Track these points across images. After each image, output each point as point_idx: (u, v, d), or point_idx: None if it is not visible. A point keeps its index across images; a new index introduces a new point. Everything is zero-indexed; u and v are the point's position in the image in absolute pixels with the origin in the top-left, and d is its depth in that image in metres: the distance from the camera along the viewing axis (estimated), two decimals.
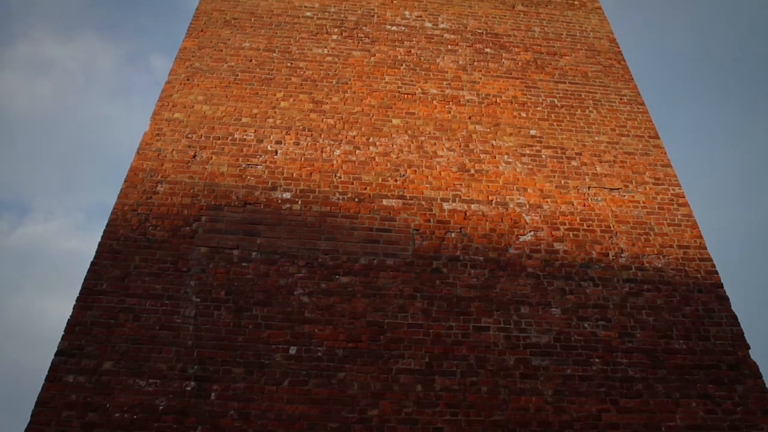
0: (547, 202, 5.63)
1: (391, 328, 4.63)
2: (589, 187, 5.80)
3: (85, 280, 4.61)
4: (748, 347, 4.81)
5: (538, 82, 6.75)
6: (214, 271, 4.78)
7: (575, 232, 5.43)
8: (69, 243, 34.68)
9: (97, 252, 4.78)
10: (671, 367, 4.65)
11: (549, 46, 7.21)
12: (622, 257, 5.30)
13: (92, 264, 4.71)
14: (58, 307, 29.98)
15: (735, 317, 5.00)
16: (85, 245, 36.51)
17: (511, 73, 6.80)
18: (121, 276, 4.66)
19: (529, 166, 5.91)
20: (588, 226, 5.49)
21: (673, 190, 5.88)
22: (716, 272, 5.28)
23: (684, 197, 5.83)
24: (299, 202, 5.33)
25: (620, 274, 5.18)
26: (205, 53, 6.51)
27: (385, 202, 5.44)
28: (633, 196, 5.78)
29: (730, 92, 38.14)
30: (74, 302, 4.48)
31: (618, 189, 5.83)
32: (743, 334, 4.90)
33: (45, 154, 36.47)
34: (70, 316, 4.41)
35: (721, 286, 5.20)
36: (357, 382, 4.32)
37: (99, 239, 4.89)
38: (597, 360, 4.63)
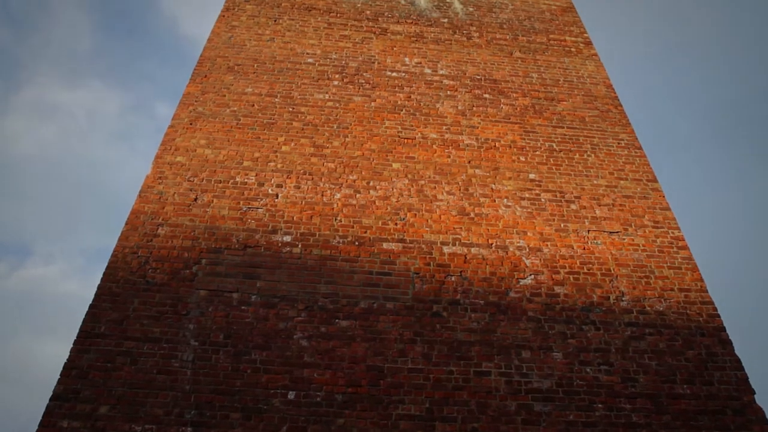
0: (547, 245, 5.63)
1: (391, 373, 4.58)
2: (588, 231, 5.81)
3: (83, 323, 4.58)
4: (753, 392, 4.75)
5: (536, 126, 6.84)
6: (213, 315, 4.75)
7: (576, 276, 5.42)
8: (68, 286, 34.58)
9: (96, 295, 4.76)
10: (675, 412, 4.58)
11: (546, 92, 7.32)
12: (623, 301, 5.28)
13: (91, 307, 4.69)
14: (55, 351, 29.69)
15: (739, 361, 4.94)
16: (84, 288, 36.40)
17: (509, 118, 6.89)
18: (119, 319, 4.64)
19: (529, 210, 5.93)
20: (588, 270, 5.48)
21: (673, 233, 5.89)
22: (718, 315, 5.25)
23: (684, 240, 5.84)
24: (299, 246, 5.33)
25: (622, 318, 5.14)
26: (209, 98, 6.61)
27: (385, 245, 5.44)
28: (633, 240, 5.79)
29: (734, 136, 38.51)
30: (71, 345, 4.44)
31: (617, 232, 5.84)
32: (748, 378, 4.83)
33: (47, 198, 36.68)
34: (67, 359, 4.37)
35: (724, 329, 5.15)
36: (356, 428, 4.25)
37: (98, 282, 4.88)
38: (600, 405, 4.56)
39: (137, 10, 47.26)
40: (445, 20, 8.12)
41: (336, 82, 7.03)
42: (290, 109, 6.61)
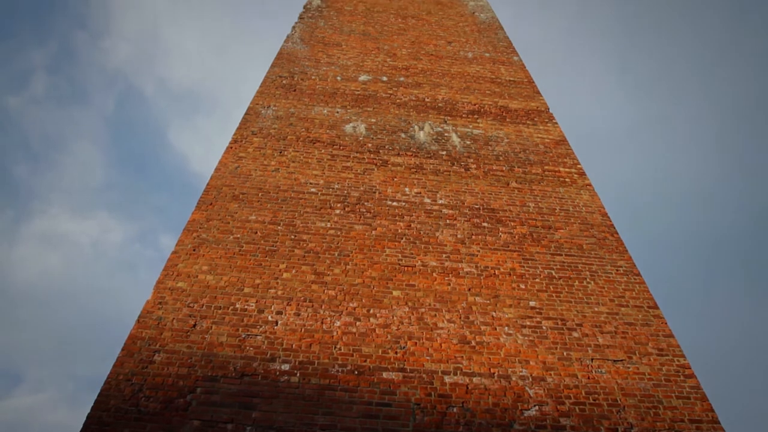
0: (551, 374, 5.51)
1: None
2: (592, 359, 5.71)
3: None
4: None
5: (535, 254, 6.91)
6: None
7: (581, 407, 5.25)
8: (56, 416, 33.33)
9: (84, 424, 4.60)
10: None
11: (544, 221, 7.47)
12: None
13: None
14: None
15: None
16: (74, 419, 35.06)
17: (508, 246, 6.98)
18: None
19: (531, 338, 5.86)
20: (594, 400, 5.32)
21: (678, 361, 5.78)
22: None
23: (690, 368, 5.71)
24: (298, 374, 5.22)
25: None
26: (213, 225, 6.74)
27: (385, 375, 5.33)
28: (638, 368, 5.67)
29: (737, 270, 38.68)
30: None
31: (622, 360, 5.73)
32: None
33: (44, 325, 36.27)
34: None
35: None
36: None
37: (88, 411, 4.73)
38: None
39: (150, 148, 49.47)
40: (444, 152, 8.45)
41: (338, 211, 7.19)
42: (292, 237, 6.72)
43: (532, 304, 6.25)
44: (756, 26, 48.02)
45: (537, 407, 5.21)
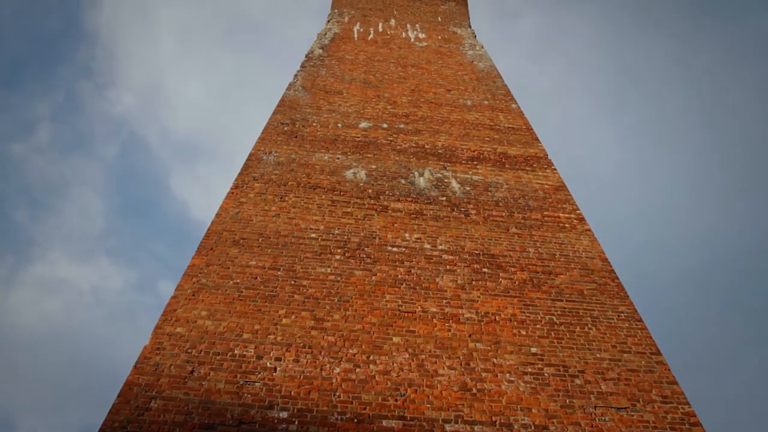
0: (553, 422, 5.42)
1: None
2: (595, 407, 5.62)
3: None
4: None
5: (535, 300, 6.88)
6: None
7: None
8: None
9: None
10: None
11: (544, 266, 7.46)
12: None
13: None
14: None
15: None
16: None
17: (508, 292, 6.95)
18: None
19: (532, 385, 5.79)
20: None
21: (683, 408, 5.69)
22: None
23: (695, 416, 5.62)
24: (296, 423, 5.14)
25: None
26: (213, 270, 6.73)
27: (385, 423, 5.24)
28: (642, 416, 5.57)
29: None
30: None
31: (625, 408, 5.64)
32: None
33: (40, 371, 35.79)
34: None
35: None
36: None
37: None
38: None
39: (151, 195, 49.85)
40: (444, 198, 8.50)
41: (338, 257, 7.19)
42: (292, 282, 6.70)
43: (533, 350, 6.19)
44: (755, 73, 48.97)
45: None
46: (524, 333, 6.40)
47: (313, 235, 7.50)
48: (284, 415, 5.19)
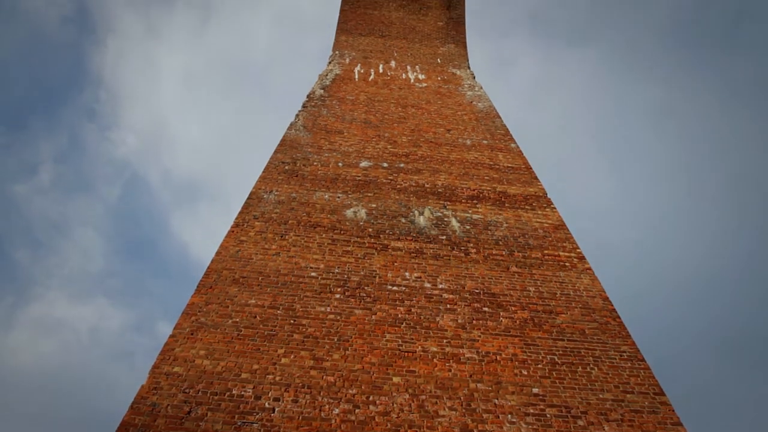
0: None
1: None
2: None
3: None
4: None
5: (536, 339, 6.83)
6: None
7: None
8: None
9: None
10: None
11: (545, 305, 7.42)
12: None
13: None
14: None
15: None
16: None
17: (509, 331, 6.91)
18: None
19: (534, 426, 5.70)
20: None
21: None
22: None
23: None
24: None
25: None
26: (212, 309, 6.70)
27: None
28: None
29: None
30: None
31: None
32: None
33: (36, 412, 35.24)
34: None
35: None
36: None
37: None
38: None
39: (151, 236, 49.96)
40: (444, 237, 8.51)
41: (338, 296, 7.16)
42: (291, 321, 6.66)
43: (535, 390, 6.12)
44: (751, 112, 49.45)
45: None
46: (526, 373, 6.33)
47: (313, 274, 7.49)
48: None
